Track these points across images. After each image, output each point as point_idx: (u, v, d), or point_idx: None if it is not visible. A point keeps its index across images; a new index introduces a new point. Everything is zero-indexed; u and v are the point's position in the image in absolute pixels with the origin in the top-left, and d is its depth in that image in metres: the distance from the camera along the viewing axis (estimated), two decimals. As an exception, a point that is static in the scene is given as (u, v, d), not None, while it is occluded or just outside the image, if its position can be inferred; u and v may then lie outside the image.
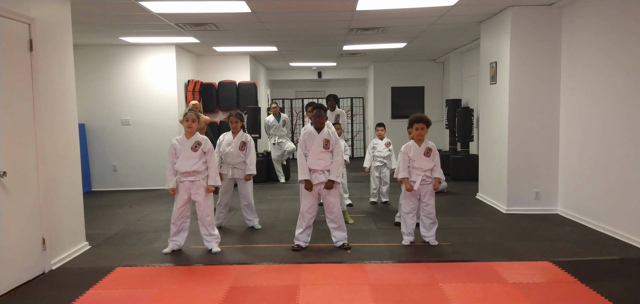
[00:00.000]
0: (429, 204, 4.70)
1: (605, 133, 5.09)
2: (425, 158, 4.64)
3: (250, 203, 5.50)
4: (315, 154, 4.50)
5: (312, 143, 4.53)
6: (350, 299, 3.47)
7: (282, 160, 9.30)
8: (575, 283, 3.71)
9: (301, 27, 7.04)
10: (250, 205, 5.51)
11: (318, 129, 4.56)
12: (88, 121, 8.36)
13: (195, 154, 4.49)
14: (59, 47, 4.47)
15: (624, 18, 4.77)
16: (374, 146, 6.69)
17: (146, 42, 8.10)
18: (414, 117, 4.71)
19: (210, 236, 4.66)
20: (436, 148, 4.75)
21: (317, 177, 4.52)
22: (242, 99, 9.67)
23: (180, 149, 4.51)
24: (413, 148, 4.67)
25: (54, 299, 3.60)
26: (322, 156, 4.50)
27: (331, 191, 4.56)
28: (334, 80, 14.03)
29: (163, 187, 8.55)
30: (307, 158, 4.54)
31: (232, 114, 5.42)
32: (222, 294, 3.59)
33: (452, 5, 5.76)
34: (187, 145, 4.50)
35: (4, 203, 3.65)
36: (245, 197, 5.48)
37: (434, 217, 4.74)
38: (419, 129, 4.63)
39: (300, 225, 4.66)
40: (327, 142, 4.50)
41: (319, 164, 4.51)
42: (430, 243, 4.75)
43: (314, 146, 4.51)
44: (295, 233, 4.70)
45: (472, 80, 9.38)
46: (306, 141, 4.57)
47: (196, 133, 4.58)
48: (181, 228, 4.68)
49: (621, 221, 4.88)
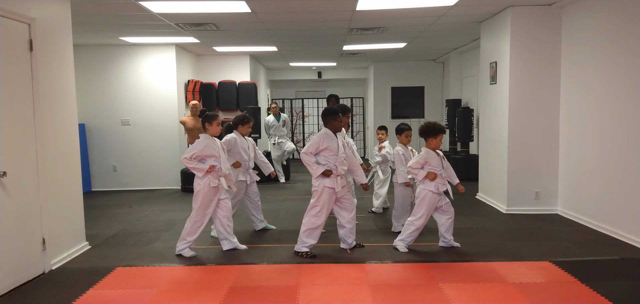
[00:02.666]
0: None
1: (605, 133, 5.09)
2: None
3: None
4: (341, 158, 4.41)
5: (336, 145, 4.40)
6: (350, 299, 3.47)
7: (282, 160, 9.31)
8: (575, 283, 3.71)
9: (301, 27, 7.04)
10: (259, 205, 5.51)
11: (335, 131, 4.48)
12: (88, 121, 8.36)
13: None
14: (59, 47, 4.47)
15: (624, 18, 4.77)
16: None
17: (146, 42, 8.10)
18: (438, 126, 4.53)
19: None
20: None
21: (342, 181, 4.47)
22: (242, 99, 9.66)
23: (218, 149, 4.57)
24: (433, 156, 4.51)
25: (54, 299, 3.60)
26: (344, 159, 4.46)
27: (349, 194, 4.58)
28: (334, 80, 14.03)
29: (163, 187, 8.57)
30: (329, 163, 4.38)
31: (249, 117, 5.34)
32: (222, 294, 3.59)
33: (452, 5, 5.76)
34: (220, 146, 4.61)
35: (4, 203, 3.65)
36: (257, 199, 5.42)
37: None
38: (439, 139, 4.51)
39: (316, 236, 4.49)
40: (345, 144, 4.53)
41: (343, 168, 4.45)
42: (454, 244, 4.67)
43: (341, 148, 4.42)
44: (309, 242, 4.47)
45: (472, 80, 9.37)
46: (328, 143, 4.37)
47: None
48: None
49: (621, 221, 4.88)
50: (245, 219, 5.64)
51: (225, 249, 4.65)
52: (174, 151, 8.56)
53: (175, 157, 8.56)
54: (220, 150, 4.54)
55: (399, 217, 5.29)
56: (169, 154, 8.56)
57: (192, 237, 4.52)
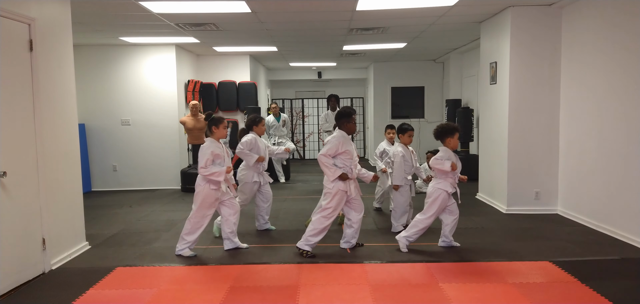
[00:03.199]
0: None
1: (605, 133, 5.09)
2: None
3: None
4: (355, 161, 4.46)
5: (351, 148, 4.44)
6: (350, 299, 3.48)
7: (282, 160, 9.31)
8: (575, 283, 3.72)
9: (301, 27, 7.04)
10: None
11: (350, 134, 4.51)
12: (88, 121, 8.36)
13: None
14: (59, 47, 4.47)
15: (624, 18, 4.77)
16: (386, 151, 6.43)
17: (146, 42, 8.10)
18: (452, 126, 4.54)
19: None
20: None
21: (354, 184, 4.49)
22: (242, 99, 9.67)
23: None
24: (452, 154, 4.51)
25: (54, 299, 3.60)
26: (355, 161, 4.49)
27: (359, 196, 4.59)
28: (334, 80, 14.03)
29: (163, 187, 8.57)
30: (345, 166, 4.40)
31: (261, 117, 5.47)
32: (222, 294, 3.59)
33: (452, 5, 5.76)
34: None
35: (4, 203, 3.65)
36: (270, 200, 5.49)
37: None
38: (456, 138, 4.51)
39: (321, 237, 4.51)
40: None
41: (356, 170, 4.47)
42: (454, 244, 4.70)
43: (354, 152, 4.46)
44: (313, 241, 4.47)
45: (472, 80, 9.37)
46: (346, 146, 4.39)
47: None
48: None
49: (621, 221, 4.88)
50: (247, 219, 5.64)
51: (227, 248, 4.66)
52: (174, 151, 8.56)
53: (175, 157, 8.56)
54: (225, 153, 4.55)
55: (399, 217, 5.29)
56: (169, 154, 8.56)
57: (191, 237, 4.51)
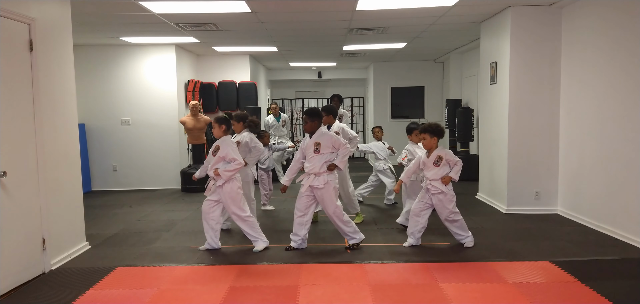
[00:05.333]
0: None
1: (605, 133, 5.09)
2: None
3: None
4: (308, 158, 4.60)
5: (307, 147, 4.63)
6: (350, 299, 3.48)
7: (282, 160, 9.30)
8: (575, 283, 3.71)
9: (301, 27, 7.04)
10: None
11: (310, 134, 4.65)
12: (88, 121, 8.36)
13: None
14: (59, 47, 4.47)
15: (624, 18, 4.77)
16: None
17: (146, 42, 8.10)
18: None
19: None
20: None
21: (308, 180, 4.60)
22: (242, 99, 9.66)
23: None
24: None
25: (54, 299, 3.60)
26: (311, 160, 4.56)
27: (324, 195, 4.53)
28: (334, 80, 14.03)
29: (163, 187, 8.57)
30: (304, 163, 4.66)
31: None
32: (222, 294, 3.59)
33: (452, 5, 5.76)
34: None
35: (4, 203, 3.65)
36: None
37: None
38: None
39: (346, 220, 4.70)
40: (318, 145, 4.54)
41: (311, 168, 4.57)
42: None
43: (307, 150, 4.61)
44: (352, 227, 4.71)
45: (472, 80, 9.37)
46: (302, 146, 4.71)
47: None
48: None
49: (621, 221, 4.88)
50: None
51: (202, 248, 4.70)
52: (174, 151, 8.56)
53: (175, 157, 8.56)
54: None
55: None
56: (169, 154, 8.56)
57: (255, 231, 4.68)
